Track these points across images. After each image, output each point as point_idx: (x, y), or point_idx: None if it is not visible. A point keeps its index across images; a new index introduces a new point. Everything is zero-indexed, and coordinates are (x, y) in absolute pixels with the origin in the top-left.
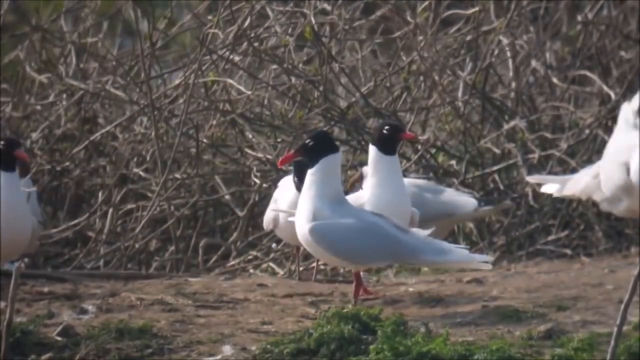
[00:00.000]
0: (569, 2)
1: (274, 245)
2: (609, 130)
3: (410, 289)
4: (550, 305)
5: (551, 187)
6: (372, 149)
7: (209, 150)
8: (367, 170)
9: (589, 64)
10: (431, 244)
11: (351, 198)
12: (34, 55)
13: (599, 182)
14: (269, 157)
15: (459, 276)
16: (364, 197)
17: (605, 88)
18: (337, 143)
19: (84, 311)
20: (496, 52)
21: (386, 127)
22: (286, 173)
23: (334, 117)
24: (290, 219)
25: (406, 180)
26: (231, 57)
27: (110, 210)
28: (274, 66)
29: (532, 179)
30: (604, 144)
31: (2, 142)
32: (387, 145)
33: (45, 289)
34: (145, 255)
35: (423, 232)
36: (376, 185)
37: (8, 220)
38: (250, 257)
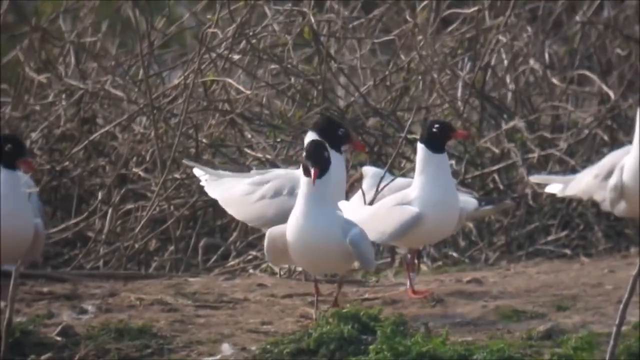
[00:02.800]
0: (568, 2)
1: None
2: (609, 130)
3: None
4: (550, 305)
5: (554, 187)
6: (420, 147)
7: (208, 150)
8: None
9: (588, 63)
10: None
11: (397, 196)
12: (34, 55)
13: (599, 182)
14: (268, 156)
15: (459, 276)
16: (410, 195)
17: (605, 88)
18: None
19: (84, 311)
20: (495, 51)
21: (436, 126)
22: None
23: (333, 117)
24: None
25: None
26: (230, 56)
27: (110, 210)
28: (273, 65)
29: (534, 179)
30: (603, 143)
31: (8, 145)
32: (436, 144)
33: (45, 289)
34: (145, 255)
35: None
36: (425, 184)
37: (8, 217)
38: (250, 257)
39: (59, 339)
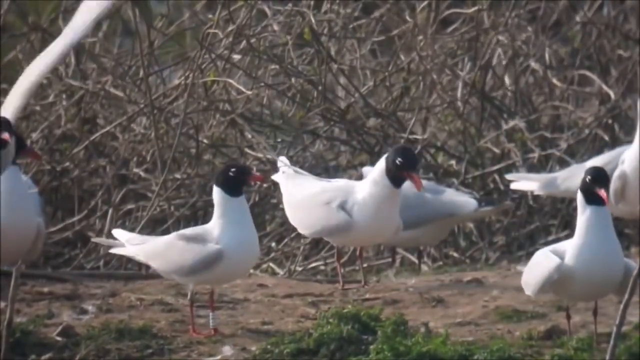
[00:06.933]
0: (568, 2)
1: (273, 245)
2: (609, 130)
3: (410, 289)
4: (551, 306)
5: (528, 184)
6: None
7: (208, 151)
8: (367, 170)
9: (589, 63)
10: None
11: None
12: (34, 55)
13: None
14: (269, 157)
15: (459, 276)
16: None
17: (605, 87)
18: (337, 143)
19: (84, 311)
20: (495, 51)
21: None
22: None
23: (333, 118)
24: None
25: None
26: (230, 56)
27: (111, 211)
28: (273, 65)
29: (509, 176)
30: (604, 143)
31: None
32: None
33: (46, 289)
34: None
35: None
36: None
37: (9, 212)
38: None
39: (59, 339)
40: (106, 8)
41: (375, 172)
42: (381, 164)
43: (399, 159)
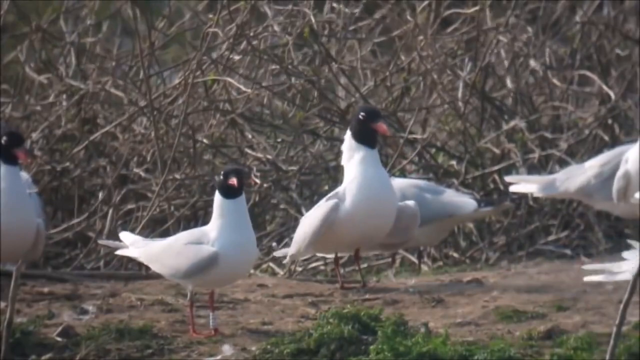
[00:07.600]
0: (568, 2)
1: (274, 245)
2: (609, 130)
3: (410, 289)
4: (551, 306)
5: (527, 187)
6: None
7: (209, 151)
8: None
9: (589, 63)
10: None
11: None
12: (34, 55)
13: (602, 182)
14: (269, 157)
15: (459, 276)
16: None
17: (605, 88)
18: (337, 143)
19: (84, 311)
20: (495, 51)
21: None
22: (286, 173)
23: (333, 118)
24: None
25: (406, 181)
26: (230, 56)
27: (111, 211)
28: (274, 66)
29: (509, 179)
30: (604, 143)
31: (4, 137)
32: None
33: (46, 290)
34: None
35: None
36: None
37: (9, 212)
38: None
39: (59, 339)
40: None
41: (345, 148)
42: (347, 139)
43: (362, 114)
